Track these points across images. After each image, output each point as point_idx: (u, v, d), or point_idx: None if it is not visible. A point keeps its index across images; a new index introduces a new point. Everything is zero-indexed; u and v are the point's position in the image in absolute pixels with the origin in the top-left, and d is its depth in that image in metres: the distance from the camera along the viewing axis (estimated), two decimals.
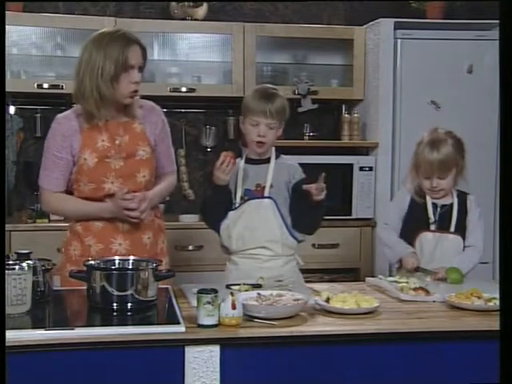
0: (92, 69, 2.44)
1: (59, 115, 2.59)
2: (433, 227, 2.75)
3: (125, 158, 2.52)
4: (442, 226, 2.75)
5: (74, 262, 2.55)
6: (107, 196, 2.52)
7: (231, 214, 2.55)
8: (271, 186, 2.56)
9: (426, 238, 2.74)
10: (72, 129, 2.52)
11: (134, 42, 2.45)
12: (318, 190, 2.43)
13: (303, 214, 2.55)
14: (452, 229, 2.75)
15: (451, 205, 2.77)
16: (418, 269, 2.68)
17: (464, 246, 2.76)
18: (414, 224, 2.77)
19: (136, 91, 2.49)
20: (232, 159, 2.45)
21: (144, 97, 4.22)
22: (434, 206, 2.76)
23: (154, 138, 2.61)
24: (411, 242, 2.75)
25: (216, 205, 2.56)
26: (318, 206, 2.49)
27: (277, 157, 2.61)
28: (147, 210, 2.51)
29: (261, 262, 2.55)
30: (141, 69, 2.49)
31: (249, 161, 2.60)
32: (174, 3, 4.17)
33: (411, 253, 2.72)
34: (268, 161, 2.59)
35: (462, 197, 2.80)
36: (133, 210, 2.46)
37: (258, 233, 2.54)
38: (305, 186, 2.46)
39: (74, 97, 2.54)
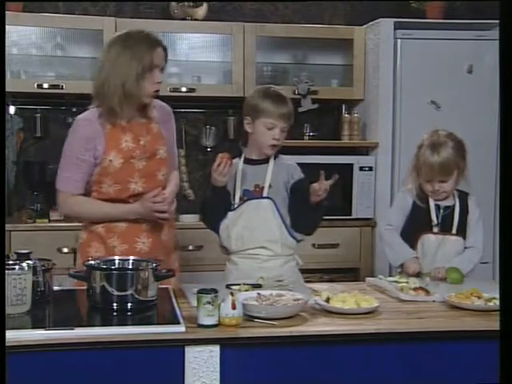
0: (119, 67, 2.46)
1: (80, 117, 2.58)
2: (435, 229, 2.75)
3: (147, 158, 2.55)
4: (445, 227, 2.75)
5: None
6: (132, 196, 2.55)
7: (230, 214, 2.56)
8: (270, 187, 2.56)
9: (429, 240, 2.74)
10: (95, 131, 2.51)
11: (158, 43, 2.51)
12: (321, 189, 2.43)
13: (302, 214, 2.55)
14: (454, 230, 2.75)
15: (453, 206, 2.77)
16: (419, 274, 2.67)
17: (464, 247, 2.76)
18: (416, 226, 2.77)
19: (158, 91, 2.53)
20: (228, 161, 2.45)
21: None
22: (437, 207, 2.76)
23: (167, 136, 2.65)
24: (413, 244, 2.75)
25: (215, 206, 2.56)
26: (318, 206, 2.49)
27: (275, 157, 2.61)
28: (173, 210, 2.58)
29: (260, 262, 2.55)
30: (162, 69, 2.55)
31: (247, 161, 2.60)
32: (173, 3, 4.17)
33: (414, 258, 2.71)
34: (267, 161, 2.59)
35: (464, 197, 2.80)
36: (163, 211, 2.49)
37: (258, 233, 2.54)
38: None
39: (96, 95, 2.54)
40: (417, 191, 2.79)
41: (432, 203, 2.76)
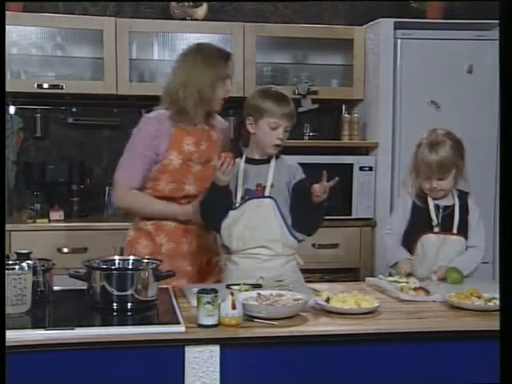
0: (195, 75, 2.65)
1: (148, 115, 2.75)
2: (436, 229, 2.75)
3: (203, 163, 2.70)
4: (445, 227, 2.75)
5: None
6: (185, 197, 2.69)
7: (232, 213, 2.55)
8: (272, 186, 2.56)
9: (429, 240, 2.74)
10: (161, 129, 2.66)
11: (229, 56, 2.73)
12: (321, 190, 2.43)
13: (303, 215, 2.55)
14: (454, 230, 2.75)
15: (453, 206, 2.77)
16: (410, 275, 2.67)
17: (466, 247, 2.76)
18: (417, 227, 2.77)
19: (226, 98, 2.73)
20: (231, 160, 2.46)
21: (144, 96, 4.25)
22: (437, 207, 2.76)
23: (221, 146, 2.79)
24: (414, 245, 2.75)
25: (217, 205, 2.55)
26: (319, 206, 2.49)
27: (277, 157, 2.61)
28: None
29: (261, 262, 2.54)
30: (231, 79, 2.75)
31: (249, 161, 2.60)
32: (173, 3, 4.17)
33: (406, 259, 2.72)
34: (268, 161, 2.59)
35: (463, 197, 2.80)
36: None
37: (259, 232, 2.53)
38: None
39: (167, 98, 2.70)
40: (416, 191, 2.79)
41: (431, 203, 2.76)
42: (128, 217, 4.13)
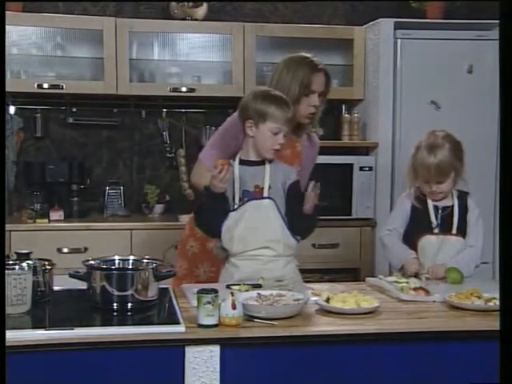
0: (281, 86, 2.66)
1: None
2: (436, 230, 2.75)
3: None
4: (445, 228, 2.75)
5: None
6: None
7: (232, 214, 2.54)
8: (269, 187, 2.55)
9: (429, 241, 2.74)
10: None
11: (319, 69, 2.72)
12: (312, 197, 2.47)
13: (298, 218, 2.55)
14: (454, 230, 2.75)
15: (452, 206, 2.77)
16: (418, 274, 2.68)
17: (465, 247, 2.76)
18: (416, 228, 2.77)
19: (314, 113, 2.75)
20: (229, 167, 2.45)
21: (144, 97, 4.25)
22: (436, 208, 2.76)
23: (305, 162, 2.81)
24: (414, 246, 2.75)
25: (215, 212, 2.53)
26: (313, 212, 2.51)
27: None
28: None
29: (263, 263, 2.53)
30: (323, 94, 2.75)
31: (243, 162, 2.58)
32: (173, 3, 4.17)
33: (413, 258, 2.71)
34: (263, 162, 2.58)
35: (463, 197, 2.80)
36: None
37: (260, 233, 2.53)
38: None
39: None
40: (415, 193, 2.79)
41: (430, 204, 2.76)
42: (127, 217, 4.16)
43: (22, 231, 3.77)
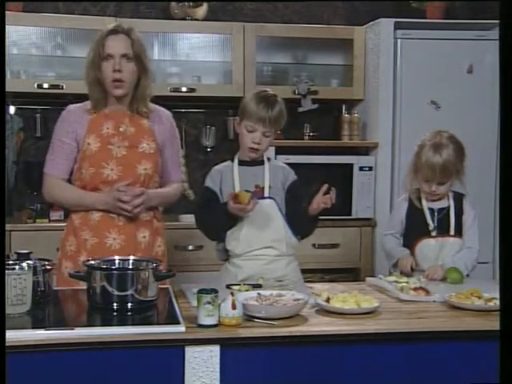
0: (87, 58, 2.60)
1: (71, 105, 2.69)
2: (433, 233, 2.75)
3: (127, 148, 2.59)
4: (442, 230, 2.75)
5: (70, 257, 2.60)
6: (105, 183, 2.57)
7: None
8: (270, 187, 2.56)
9: (428, 245, 2.74)
10: (79, 116, 2.61)
11: (115, 31, 2.55)
12: (326, 202, 2.44)
13: (298, 217, 2.54)
14: (452, 232, 2.75)
15: (448, 208, 2.77)
16: (413, 270, 2.68)
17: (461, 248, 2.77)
18: (414, 232, 2.78)
19: (118, 80, 2.55)
20: (257, 201, 2.43)
21: None
22: (431, 211, 2.76)
23: (161, 139, 2.68)
24: (413, 250, 2.75)
25: (218, 220, 2.51)
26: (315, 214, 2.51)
27: (268, 159, 2.61)
28: (141, 206, 2.55)
29: (266, 263, 2.53)
30: (125, 57, 2.55)
31: (243, 163, 2.58)
32: (173, 3, 4.18)
33: (406, 254, 2.72)
34: (262, 163, 2.59)
35: (459, 198, 2.80)
36: (126, 202, 2.51)
37: (264, 232, 2.52)
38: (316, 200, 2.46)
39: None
40: (415, 194, 2.79)
41: (426, 207, 2.76)
42: None
43: (21, 231, 3.77)
